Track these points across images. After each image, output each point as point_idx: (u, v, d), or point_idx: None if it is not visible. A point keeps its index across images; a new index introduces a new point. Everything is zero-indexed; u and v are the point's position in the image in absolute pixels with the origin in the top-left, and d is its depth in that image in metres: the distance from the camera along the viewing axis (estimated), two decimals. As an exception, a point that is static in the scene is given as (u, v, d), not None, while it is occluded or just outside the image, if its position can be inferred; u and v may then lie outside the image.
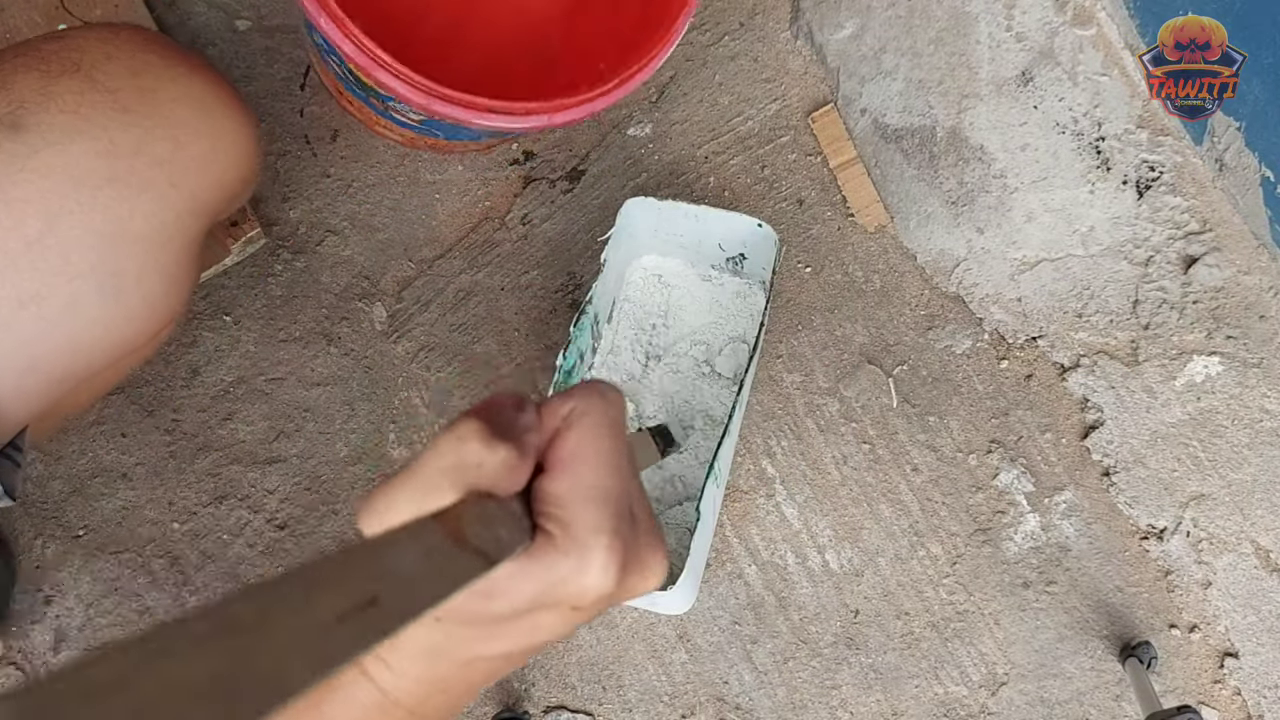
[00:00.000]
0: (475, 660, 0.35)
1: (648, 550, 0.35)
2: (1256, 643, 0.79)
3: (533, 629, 0.34)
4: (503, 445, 0.31)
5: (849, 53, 0.91)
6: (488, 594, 0.32)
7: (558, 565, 0.32)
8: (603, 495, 0.33)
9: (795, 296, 0.88)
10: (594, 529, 0.32)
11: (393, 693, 0.35)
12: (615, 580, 0.33)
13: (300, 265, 0.93)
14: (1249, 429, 0.80)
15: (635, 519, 0.35)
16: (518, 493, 0.33)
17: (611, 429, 0.34)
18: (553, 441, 0.34)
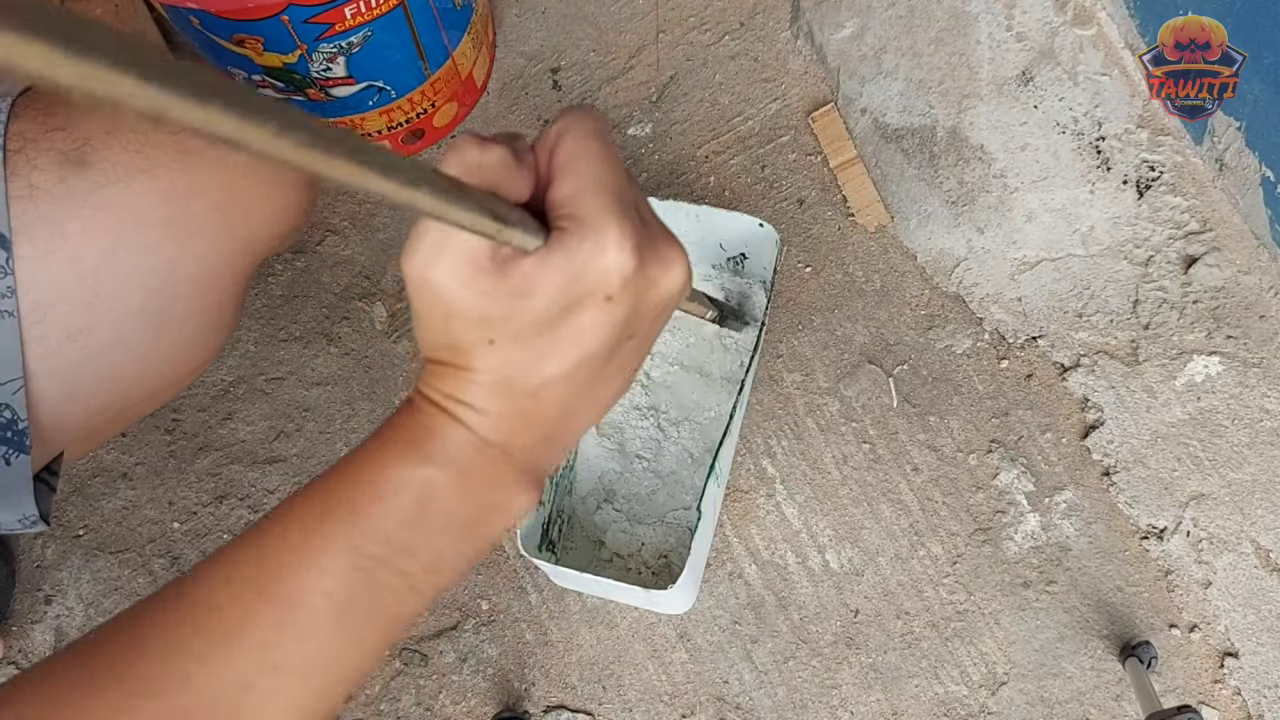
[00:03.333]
0: (542, 386, 0.37)
1: (664, 242, 0.37)
2: (1256, 642, 0.79)
3: (578, 334, 0.36)
4: (497, 145, 0.34)
5: (849, 53, 0.91)
6: (519, 290, 0.34)
7: (577, 250, 0.34)
8: (604, 185, 0.35)
9: (795, 296, 0.88)
10: (602, 212, 0.34)
11: (481, 430, 0.37)
12: (634, 260, 0.35)
13: (300, 265, 0.93)
14: (1249, 429, 0.80)
15: (643, 216, 0.37)
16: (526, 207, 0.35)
17: (599, 135, 0.36)
18: (549, 159, 0.36)
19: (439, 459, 0.38)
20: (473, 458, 0.38)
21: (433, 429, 0.38)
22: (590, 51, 0.97)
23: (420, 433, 0.38)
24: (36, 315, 0.50)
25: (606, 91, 0.95)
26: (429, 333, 0.36)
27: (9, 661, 0.86)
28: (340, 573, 0.37)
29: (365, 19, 0.77)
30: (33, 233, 0.50)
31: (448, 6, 0.84)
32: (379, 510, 0.37)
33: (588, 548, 0.82)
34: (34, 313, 0.50)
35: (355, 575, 0.37)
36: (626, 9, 0.97)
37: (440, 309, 0.35)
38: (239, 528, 0.87)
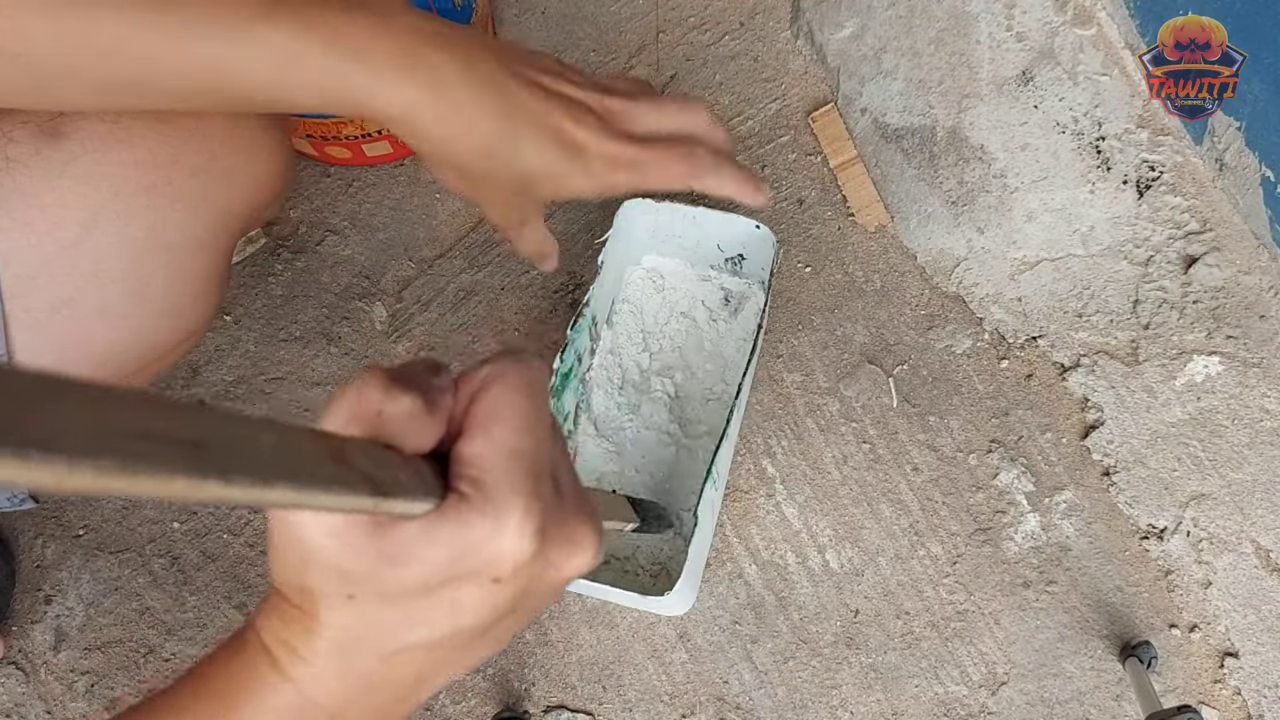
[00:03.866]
0: (399, 652, 0.33)
1: (575, 522, 0.34)
2: (1256, 642, 0.79)
3: (454, 607, 0.32)
4: (404, 393, 0.30)
5: (849, 52, 0.91)
6: (395, 555, 0.30)
7: (472, 525, 0.30)
8: (519, 456, 0.32)
9: (795, 296, 0.88)
10: (510, 489, 0.31)
11: (313, 694, 0.33)
12: (534, 545, 0.31)
13: (300, 265, 0.93)
14: (1249, 429, 0.80)
15: (560, 488, 0.34)
16: (429, 459, 0.32)
17: (530, 391, 0.33)
18: (469, 406, 0.32)
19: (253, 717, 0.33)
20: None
21: (252, 686, 0.33)
22: (590, 51, 0.97)
23: (241, 680, 0.34)
24: (19, 288, 0.50)
25: (606, 91, 0.95)
26: (281, 568, 0.32)
27: (9, 661, 0.86)
28: None
29: (365, 19, 0.77)
30: (10, 205, 0.49)
31: (447, 6, 0.84)
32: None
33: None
34: (16, 285, 0.50)
35: None
36: (626, 9, 0.97)
37: (297, 551, 0.31)
38: (239, 527, 0.87)
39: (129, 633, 0.85)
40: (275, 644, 0.33)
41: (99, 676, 0.85)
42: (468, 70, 0.48)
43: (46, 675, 0.85)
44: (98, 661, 0.85)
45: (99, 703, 0.84)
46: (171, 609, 0.86)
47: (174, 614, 0.86)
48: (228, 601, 0.86)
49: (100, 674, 0.85)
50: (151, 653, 0.85)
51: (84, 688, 0.85)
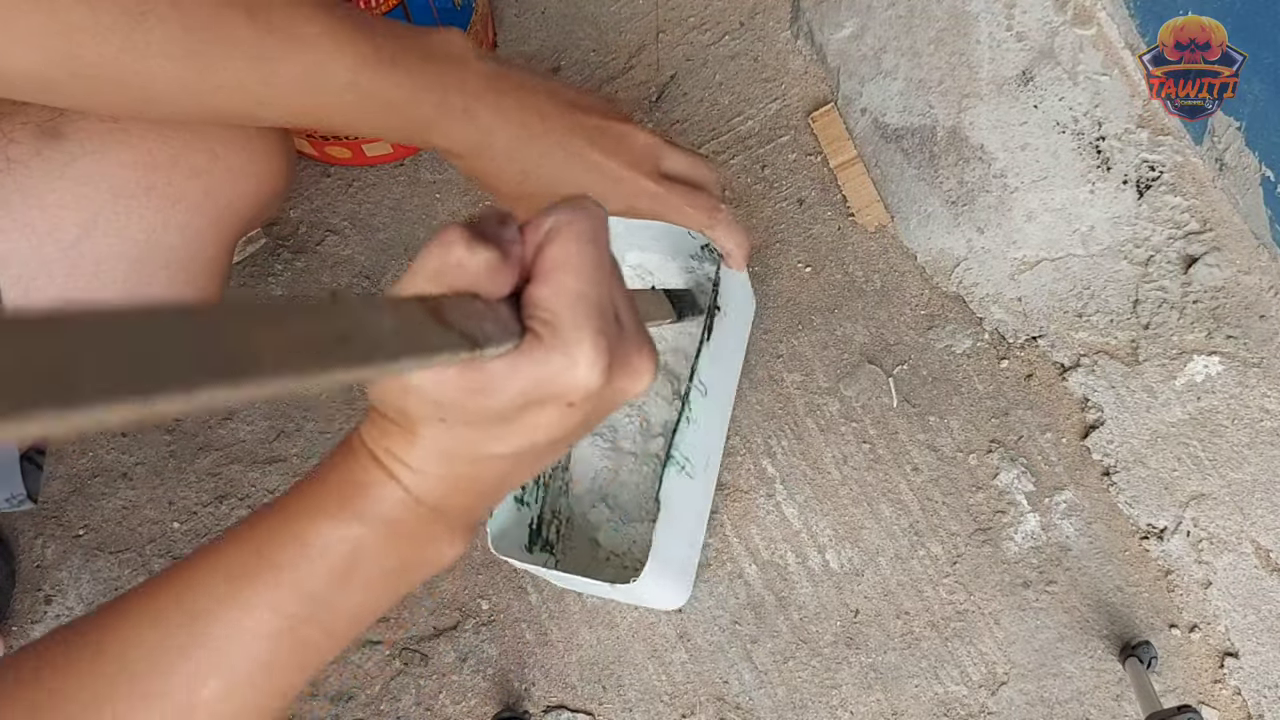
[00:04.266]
0: (486, 459, 0.37)
1: (635, 352, 0.38)
2: (1256, 642, 0.79)
3: (532, 427, 0.36)
4: (483, 247, 0.34)
5: (849, 52, 0.91)
6: (482, 389, 0.34)
7: (547, 361, 0.34)
8: (586, 298, 0.35)
9: (795, 296, 0.88)
10: (579, 328, 0.34)
11: (417, 491, 0.37)
12: (602, 377, 0.35)
13: (300, 265, 0.93)
14: (1249, 429, 0.80)
15: (621, 323, 0.37)
16: (506, 301, 0.35)
17: (593, 238, 0.36)
18: (537, 253, 0.36)
19: (370, 518, 0.38)
20: (404, 516, 0.38)
21: (366, 485, 0.37)
22: (590, 51, 0.97)
23: (353, 489, 0.38)
24: (19, 289, 0.50)
25: (606, 91, 0.95)
26: (382, 392, 0.36)
27: (9, 661, 0.86)
28: (263, 635, 0.37)
29: (365, 19, 0.77)
30: (11, 206, 0.50)
31: (448, 6, 0.84)
32: (305, 570, 0.37)
33: (586, 548, 0.82)
34: (16, 286, 0.50)
35: (278, 636, 0.38)
36: (626, 9, 0.97)
37: (398, 384, 0.35)
38: (239, 528, 0.87)
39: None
40: (380, 451, 0.37)
41: (99, 676, 0.85)
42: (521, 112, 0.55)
43: (46, 675, 0.85)
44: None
45: (99, 703, 0.84)
46: (171, 609, 0.86)
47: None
48: (228, 601, 0.86)
49: (100, 674, 0.85)
50: (151, 653, 0.85)
51: (84, 688, 0.85)
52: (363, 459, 0.38)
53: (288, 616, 0.37)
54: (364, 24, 0.49)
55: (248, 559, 0.38)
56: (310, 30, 0.46)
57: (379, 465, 0.37)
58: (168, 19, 0.43)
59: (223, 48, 0.44)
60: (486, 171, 0.57)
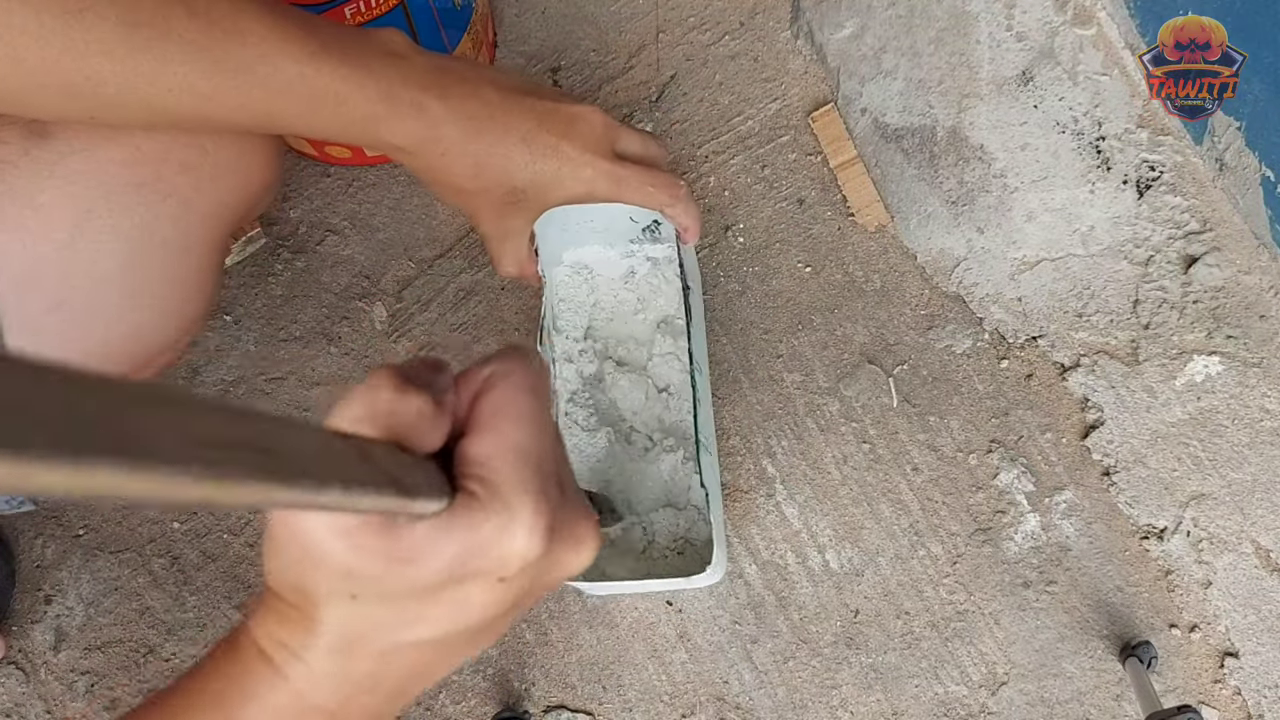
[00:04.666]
0: (398, 650, 0.32)
1: (576, 521, 0.34)
2: (1257, 642, 0.79)
3: (457, 607, 0.32)
4: (415, 393, 0.30)
5: (849, 52, 0.91)
6: (407, 556, 0.30)
7: (481, 525, 0.30)
8: (527, 455, 0.32)
9: (795, 296, 0.88)
10: (519, 488, 0.31)
11: (310, 694, 0.33)
12: (542, 545, 0.31)
13: (300, 265, 0.93)
14: (1249, 429, 0.80)
15: (562, 487, 0.34)
16: (435, 458, 0.32)
17: (534, 390, 0.33)
18: (473, 404, 0.33)
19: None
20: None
21: (249, 688, 0.33)
22: (590, 51, 0.96)
23: (235, 690, 0.33)
24: (14, 290, 0.50)
25: (606, 91, 0.95)
26: (280, 569, 0.31)
27: (9, 661, 0.86)
28: None
29: (365, 18, 0.77)
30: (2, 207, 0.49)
31: (448, 6, 0.84)
32: None
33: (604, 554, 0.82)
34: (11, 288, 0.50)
35: None
36: (626, 9, 0.97)
37: (300, 550, 0.30)
38: (239, 527, 0.87)
39: (129, 633, 0.86)
40: (271, 645, 0.33)
41: (99, 676, 0.85)
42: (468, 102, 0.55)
43: (46, 675, 0.85)
44: (98, 661, 0.85)
45: (99, 703, 0.84)
46: (171, 609, 0.86)
47: (174, 614, 0.86)
48: (228, 601, 0.86)
49: (100, 674, 0.85)
50: (151, 653, 0.85)
51: (84, 688, 0.85)
52: (248, 656, 0.33)
53: None
54: (306, 20, 0.49)
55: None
56: (253, 25, 0.46)
57: (266, 662, 0.33)
58: (106, 16, 0.42)
59: (165, 45, 0.44)
60: (438, 167, 0.56)
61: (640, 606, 0.84)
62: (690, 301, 0.75)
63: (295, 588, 0.32)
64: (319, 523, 0.30)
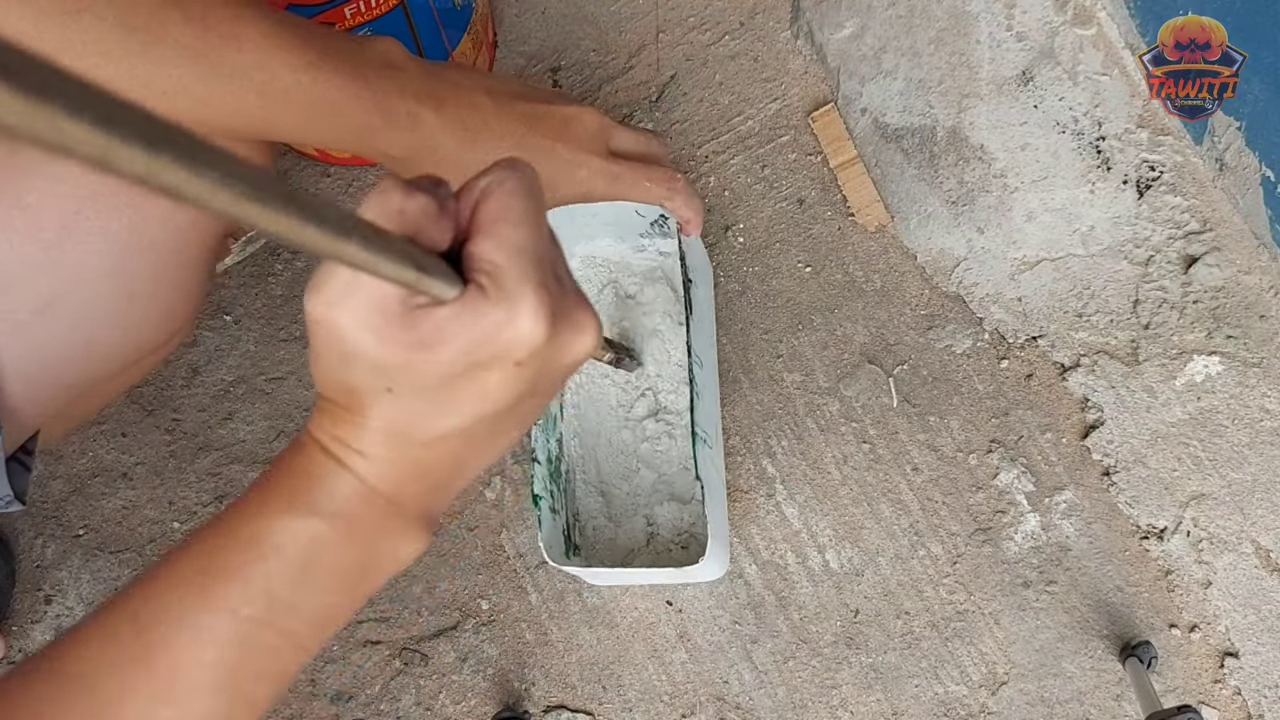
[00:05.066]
0: (437, 438, 0.36)
1: (577, 308, 0.37)
2: (1257, 642, 0.79)
3: (481, 393, 0.35)
4: (421, 193, 0.34)
5: (849, 52, 0.91)
6: (425, 342, 0.33)
7: (489, 312, 0.34)
8: (526, 250, 0.35)
9: (795, 296, 0.88)
10: (520, 278, 0.34)
11: (370, 479, 0.37)
12: (547, 330, 0.34)
13: (301, 265, 0.93)
14: (1249, 429, 0.80)
15: (561, 280, 0.37)
16: (445, 258, 0.35)
17: (529, 193, 0.36)
18: (474, 211, 0.35)
19: (324, 511, 0.37)
20: (359, 508, 0.37)
21: (318, 476, 0.37)
22: (590, 51, 0.96)
23: (305, 480, 0.37)
24: (1, 290, 0.50)
25: (606, 91, 0.95)
26: (324, 371, 0.35)
27: (9, 661, 0.86)
28: (221, 641, 0.36)
29: (365, 19, 0.77)
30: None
31: (448, 6, 0.84)
32: (260, 570, 0.36)
33: (604, 543, 0.82)
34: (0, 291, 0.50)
35: (235, 642, 0.36)
36: (626, 9, 0.97)
37: (338, 350, 0.34)
38: (239, 528, 0.87)
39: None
40: (330, 441, 0.37)
41: (99, 676, 0.85)
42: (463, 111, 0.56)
43: (46, 675, 0.85)
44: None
45: (99, 703, 0.84)
46: (171, 609, 0.86)
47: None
48: (228, 601, 0.86)
49: (100, 674, 0.85)
50: (151, 653, 0.85)
51: (84, 688, 0.85)
52: (312, 452, 0.37)
53: (244, 620, 0.36)
54: (304, 27, 0.49)
55: (200, 564, 0.37)
56: (249, 31, 0.46)
57: (329, 456, 0.37)
58: (104, 17, 0.43)
59: (161, 48, 0.44)
60: None
61: (640, 606, 0.84)
62: (693, 295, 0.75)
63: (342, 388, 0.35)
64: (350, 321, 0.33)
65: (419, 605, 0.85)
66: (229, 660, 0.36)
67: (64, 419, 0.59)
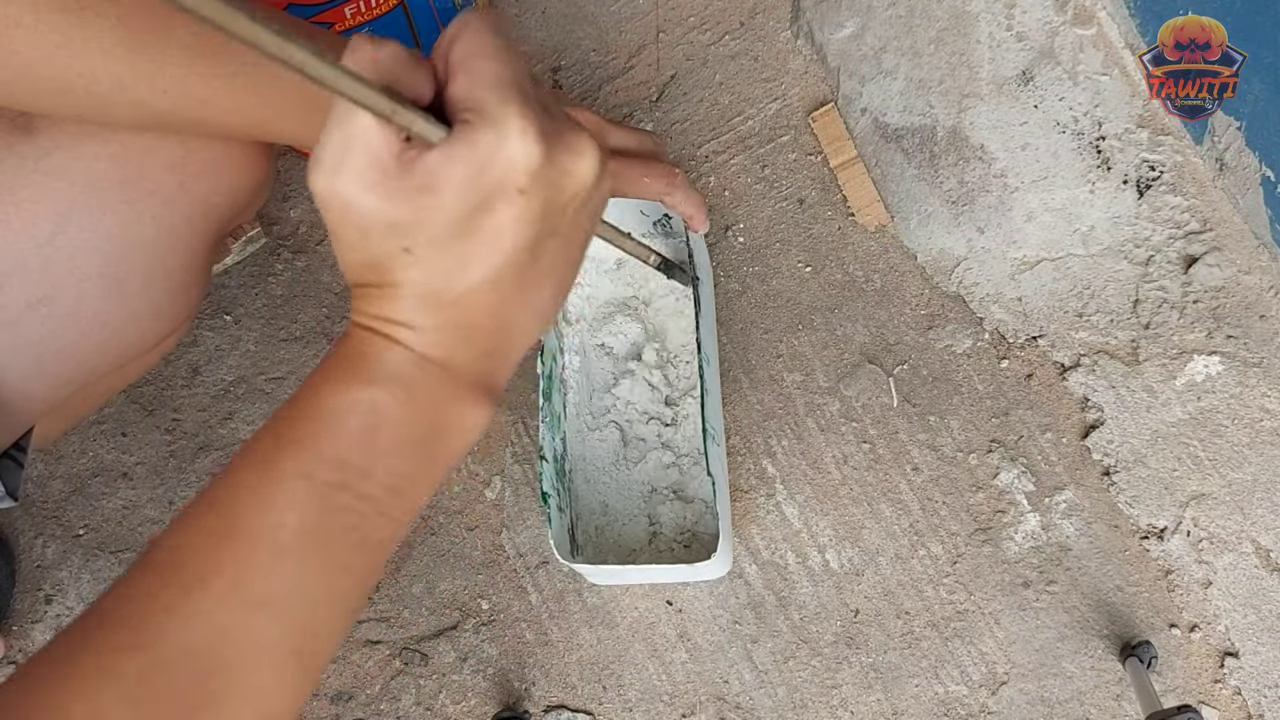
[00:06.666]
0: (469, 292, 0.37)
1: (569, 130, 0.37)
2: (1257, 642, 0.79)
3: (495, 233, 0.35)
4: (389, 42, 0.34)
5: (849, 52, 0.91)
6: (425, 185, 0.34)
7: (479, 141, 0.34)
8: (502, 78, 0.35)
9: (795, 296, 0.88)
10: (502, 102, 0.34)
11: (418, 347, 0.37)
12: (540, 148, 0.35)
13: (301, 264, 0.93)
14: (1249, 428, 0.80)
15: (548, 109, 0.37)
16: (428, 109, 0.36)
17: (495, 30, 0.36)
18: (446, 59, 0.36)
19: (381, 379, 0.37)
20: (414, 375, 0.38)
21: (370, 353, 0.38)
22: (590, 51, 0.97)
23: (358, 358, 0.38)
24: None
25: (607, 91, 0.95)
26: (346, 251, 0.36)
27: (9, 661, 0.86)
28: (298, 504, 0.37)
29: (365, 18, 0.77)
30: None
31: (448, 6, 0.84)
32: (328, 437, 0.37)
33: (610, 546, 0.82)
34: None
35: (313, 503, 0.37)
36: (627, 8, 0.97)
37: (351, 221, 0.35)
38: (239, 527, 0.87)
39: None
40: (372, 320, 0.37)
41: (99, 676, 0.85)
42: None
43: (47, 675, 0.85)
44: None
45: (99, 703, 0.84)
46: (172, 609, 0.86)
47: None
48: (228, 601, 0.86)
49: (100, 674, 0.85)
50: (152, 653, 0.85)
51: (84, 688, 0.85)
52: (359, 334, 0.38)
53: (319, 484, 0.37)
54: (306, 29, 0.49)
55: (269, 442, 0.38)
56: None
57: (375, 334, 0.38)
58: (106, 15, 0.43)
59: (163, 46, 0.44)
60: None
61: (640, 606, 0.84)
62: (699, 293, 0.75)
63: (365, 264, 0.36)
64: (351, 183, 0.34)
65: (419, 605, 0.85)
66: (309, 524, 0.37)
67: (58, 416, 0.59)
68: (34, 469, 0.89)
